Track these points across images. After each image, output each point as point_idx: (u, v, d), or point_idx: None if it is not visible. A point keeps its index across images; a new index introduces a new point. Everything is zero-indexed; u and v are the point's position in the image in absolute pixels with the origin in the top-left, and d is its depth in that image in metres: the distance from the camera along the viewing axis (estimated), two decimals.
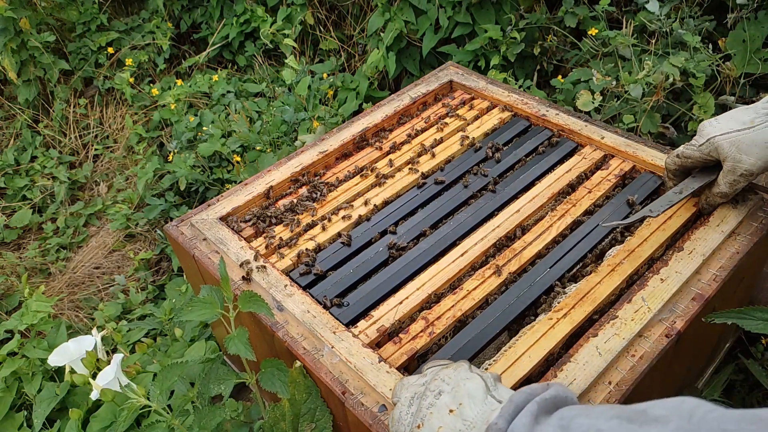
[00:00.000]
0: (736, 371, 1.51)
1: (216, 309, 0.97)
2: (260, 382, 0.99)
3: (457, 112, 1.55)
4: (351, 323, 1.05)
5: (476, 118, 1.52)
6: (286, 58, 2.94)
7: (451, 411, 0.70)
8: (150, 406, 0.99)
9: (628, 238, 1.15)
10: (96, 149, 3.03)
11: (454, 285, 1.11)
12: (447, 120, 1.52)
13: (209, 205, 1.33)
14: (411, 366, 1.00)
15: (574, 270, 1.12)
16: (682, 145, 1.13)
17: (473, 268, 1.14)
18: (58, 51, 3.22)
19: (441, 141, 1.46)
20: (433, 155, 1.42)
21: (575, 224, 1.20)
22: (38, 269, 2.52)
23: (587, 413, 0.58)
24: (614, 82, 1.97)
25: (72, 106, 3.16)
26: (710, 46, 1.99)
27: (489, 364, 0.95)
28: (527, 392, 0.65)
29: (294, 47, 2.98)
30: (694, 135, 1.12)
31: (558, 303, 1.03)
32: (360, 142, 1.49)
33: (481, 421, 0.67)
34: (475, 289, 1.08)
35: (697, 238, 1.09)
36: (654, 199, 1.15)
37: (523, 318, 1.05)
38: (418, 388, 0.76)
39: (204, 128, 2.64)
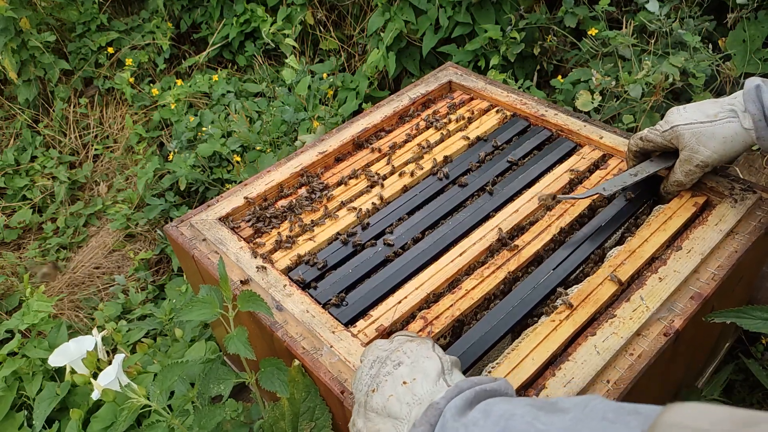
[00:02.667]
0: (736, 371, 1.52)
1: (215, 309, 0.97)
2: (260, 382, 0.99)
3: (457, 112, 1.55)
4: (350, 323, 1.06)
5: (475, 118, 1.53)
6: (286, 58, 2.94)
7: (404, 383, 0.72)
8: (150, 406, 0.99)
9: (629, 238, 1.15)
10: (96, 149, 3.03)
11: (452, 285, 1.11)
12: (446, 120, 1.52)
13: (209, 206, 1.34)
14: None
15: (577, 272, 1.12)
16: (647, 129, 1.16)
17: (472, 267, 1.14)
18: (58, 51, 3.22)
19: (440, 141, 1.46)
20: (433, 155, 1.42)
21: (574, 224, 1.20)
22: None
23: (508, 401, 0.62)
24: (614, 82, 1.97)
25: (72, 106, 3.16)
26: (710, 46, 1.99)
27: (492, 368, 0.95)
28: (473, 381, 0.68)
29: (294, 47, 2.99)
30: None
31: (560, 305, 1.03)
32: (359, 143, 1.49)
33: (428, 400, 0.69)
34: (473, 288, 1.08)
35: (696, 237, 1.09)
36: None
37: (525, 321, 1.05)
38: (382, 353, 0.79)
39: (204, 128, 2.64)
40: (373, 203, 1.31)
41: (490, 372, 0.94)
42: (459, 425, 0.62)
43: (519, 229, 1.20)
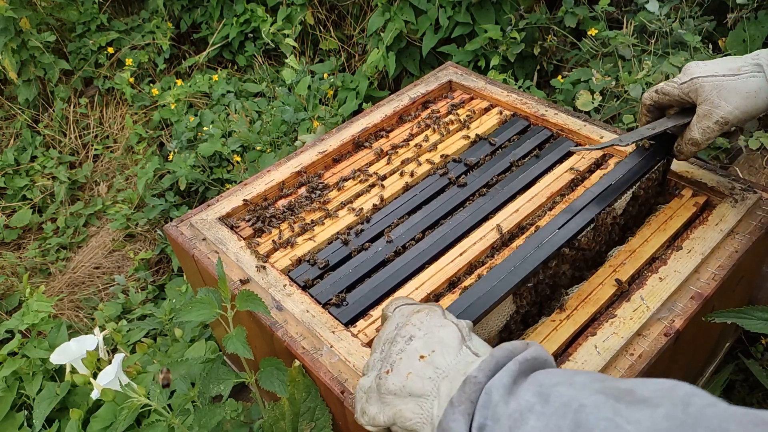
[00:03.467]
0: (736, 371, 1.52)
1: (214, 309, 0.97)
2: (259, 382, 0.99)
3: (457, 112, 1.55)
4: (350, 323, 1.06)
5: (475, 117, 1.53)
6: (286, 58, 2.94)
7: (421, 357, 0.65)
8: (150, 406, 0.99)
9: (629, 238, 1.15)
10: (96, 149, 3.03)
11: (452, 285, 1.11)
12: (446, 120, 1.52)
13: (209, 205, 1.34)
14: None
15: (584, 232, 1.06)
16: (663, 82, 1.10)
17: (472, 267, 1.14)
18: (58, 51, 3.22)
19: (440, 141, 1.46)
20: (433, 155, 1.42)
21: None
22: (38, 269, 2.52)
23: (569, 382, 0.54)
24: (614, 82, 1.97)
25: (72, 106, 3.16)
26: (710, 46, 1.99)
27: None
28: (508, 349, 0.61)
29: (294, 47, 2.99)
30: None
31: (562, 304, 1.03)
32: (359, 143, 1.49)
33: (456, 372, 0.62)
34: None
35: (696, 237, 1.09)
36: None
37: (528, 280, 0.98)
38: (390, 334, 0.72)
39: (204, 128, 2.64)
40: (372, 203, 1.31)
41: None
42: (512, 411, 0.54)
43: (520, 229, 1.20)
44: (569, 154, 1.38)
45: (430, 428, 0.61)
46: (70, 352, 1.03)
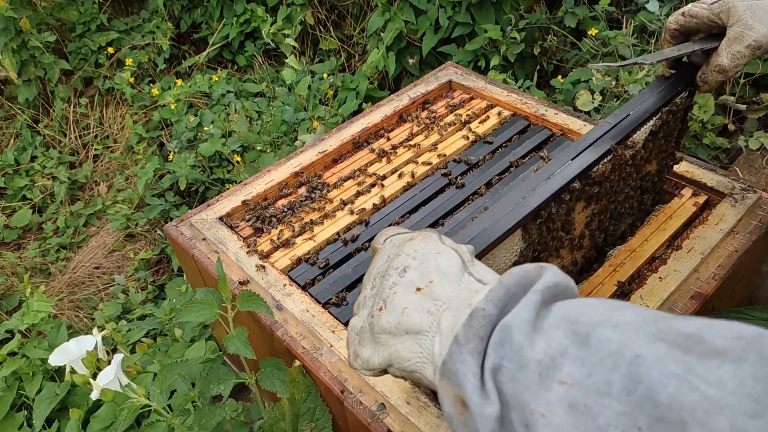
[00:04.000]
0: None
1: (214, 309, 0.97)
2: (260, 382, 0.99)
3: (457, 112, 1.55)
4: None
5: (475, 117, 1.53)
6: (286, 58, 2.94)
7: (418, 289, 0.58)
8: (150, 406, 0.99)
9: (629, 238, 1.15)
10: (96, 149, 3.03)
11: None
12: (446, 120, 1.52)
13: (209, 205, 1.34)
14: None
15: (598, 165, 0.99)
16: (691, 3, 1.00)
17: None
18: (58, 51, 3.22)
19: (440, 141, 1.46)
20: (433, 155, 1.42)
21: None
22: (38, 269, 2.52)
23: (612, 322, 0.43)
24: (614, 82, 1.97)
25: (72, 106, 3.16)
26: None
27: None
28: (519, 274, 0.52)
29: (294, 47, 2.99)
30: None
31: None
32: (359, 143, 1.49)
33: (459, 302, 0.54)
34: None
35: (696, 237, 1.09)
36: None
37: (538, 214, 0.90)
38: (381, 268, 0.63)
39: (204, 128, 2.64)
40: (372, 203, 1.31)
41: None
42: (541, 355, 0.45)
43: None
44: None
45: (431, 368, 0.54)
46: (69, 353, 1.03)
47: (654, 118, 1.04)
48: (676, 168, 1.23)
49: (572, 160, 0.93)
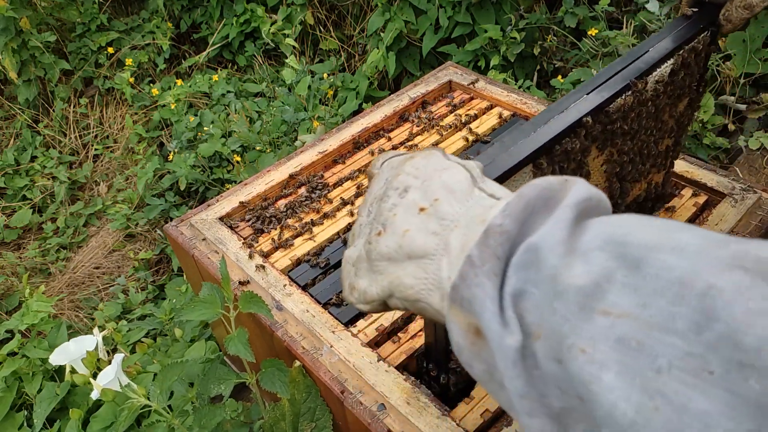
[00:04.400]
0: None
1: (216, 309, 0.97)
2: (260, 382, 0.99)
3: (457, 112, 1.55)
4: (350, 322, 1.06)
5: (475, 117, 1.53)
6: (286, 58, 2.94)
7: (421, 209, 0.50)
8: (150, 406, 0.99)
9: None
10: (96, 149, 3.04)
11: None
12: (446, 120, 1.52)
13: (209, 205, 1.34)
14: (410, 365, 1.00)
15: (616, 101, 0.93)
16: None
17: None
18: (58, 51, 3.22)
19: (440, 141, 1.46)
20: None
21: None
22: (38, 269, 2.52)
23: (672, 246, 0.36)
24: None
25: (72, 106, 3.17)
26: None
27: None
28: (542, 186, 0.44)
29: (294, 47, 2.99)
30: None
31: None
32: (359, 143, 1.49)
33: (469, 219, 0.47)
34: None
35: None
36: None
37: (553, 147, 0.84)
38: (378, 192, 0.57)
39: (204, 128, 2.64)
40: None
41: None
42: (582, 281, 0.37)
43: None
44: None
45: (438, 295, 0.47)
46: (69, 353, 1.03)
47: (674, 56, 0.97)
48: (677, 168, 1.23)
49: (587, 95, 0.87)
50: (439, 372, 0.91)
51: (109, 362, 1.01)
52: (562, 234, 0.40)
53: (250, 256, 1.19)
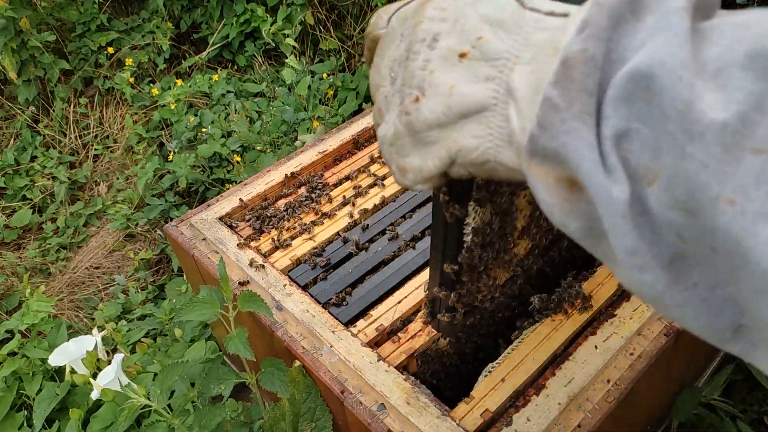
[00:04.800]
0: (736, 371, 1.52)
1: (216, 309, 0.97)
2: (260, 382, 0.99)
3: None
4: (350, 322, 1.06)
5: None
6: (286, 58, 2.94)
7: (462, 56, 0.40)
8: (150, 406, 0.99)
9: None
10: (96, 149, 3.04)
11: None
12: None
13: (209, 205, 1.34)
14: (410, 365, 1.00)
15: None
16: None
17: None
18: (58, 51, 3.22)
19: None
20: None
21: None
22: (38, 269, 2.52)
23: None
24: None
25: (72, 106, 3.16)
26: None
27: (492, 368, 0.95)
28: None
29: (294, 47, 2.99)
30: None
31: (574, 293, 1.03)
32: (359, 143, 1.49)
33: (534, 51, 0.37)
34: None
35: None
36: None
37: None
38: (396, 53, 0.46)
39: (204, 128, 2.64)
40: (373, 203, 1.31)
41: (489, 373, 0.94)
42: (726, 116, 0.28)
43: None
44: None
45: (511, 150, 0.39)
46: (69, 353, 1.03)
47: None
48: None
49: None
50: (448, 298, 0.84)
51: (109, 362, 1.01)
52: (682, 52, 0.30)
53: (251, 256, 1.19)
